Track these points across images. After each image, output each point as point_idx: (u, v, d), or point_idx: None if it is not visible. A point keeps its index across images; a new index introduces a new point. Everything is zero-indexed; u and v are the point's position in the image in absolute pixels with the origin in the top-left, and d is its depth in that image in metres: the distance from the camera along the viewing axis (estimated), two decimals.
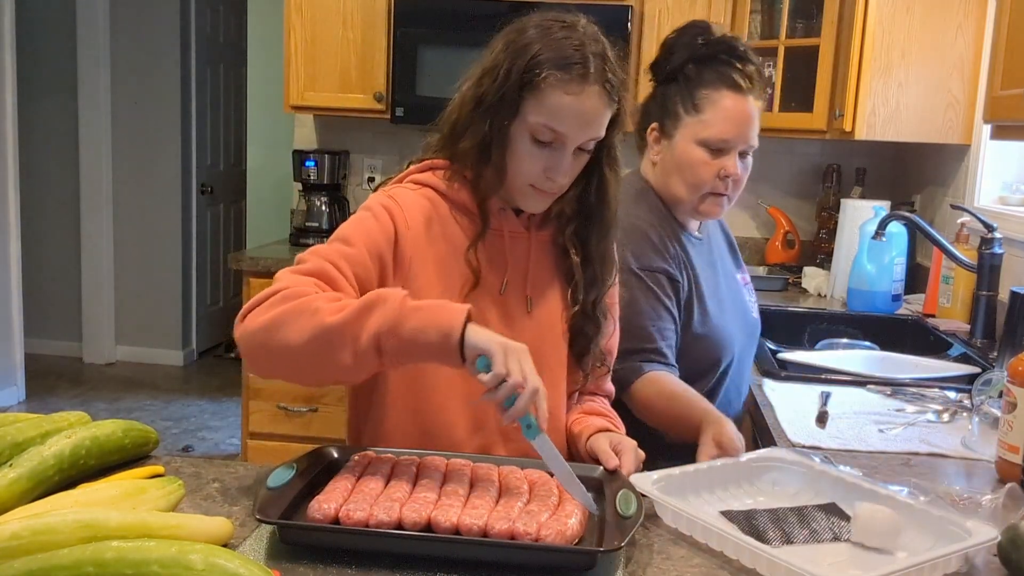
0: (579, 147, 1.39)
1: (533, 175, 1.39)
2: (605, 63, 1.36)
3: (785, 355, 2.26)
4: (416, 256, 1.41)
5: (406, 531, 1.14)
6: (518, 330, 1.45)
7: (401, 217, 1.42)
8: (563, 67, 1.34)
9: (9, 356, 4.95)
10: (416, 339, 1.21)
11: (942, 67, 2.99)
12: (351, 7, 3.64)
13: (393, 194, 1.46)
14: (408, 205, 1.44)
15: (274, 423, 3.60)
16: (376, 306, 1.21)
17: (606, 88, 1.36)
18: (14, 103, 4.79)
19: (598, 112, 1.36)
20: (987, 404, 1.62)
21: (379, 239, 1.39)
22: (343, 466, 1.30)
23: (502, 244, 1.46)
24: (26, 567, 0.96)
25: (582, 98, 1.34)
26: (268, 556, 1.13)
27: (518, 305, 1.47)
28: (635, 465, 1.36)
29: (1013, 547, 1.14)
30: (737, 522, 1.24)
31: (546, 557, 1.13)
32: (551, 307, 1.50)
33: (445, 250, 1.44)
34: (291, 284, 1.28)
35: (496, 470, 1.31)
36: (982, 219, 2.44)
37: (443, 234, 1.44)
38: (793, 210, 3.80)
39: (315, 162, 3.87)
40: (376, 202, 1.44)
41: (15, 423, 1.33)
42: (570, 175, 1.42)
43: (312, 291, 1.27)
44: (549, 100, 1.34)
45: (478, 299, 1.42)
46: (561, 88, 1.34)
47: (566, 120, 1.35)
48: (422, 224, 1.43)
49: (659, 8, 3.50)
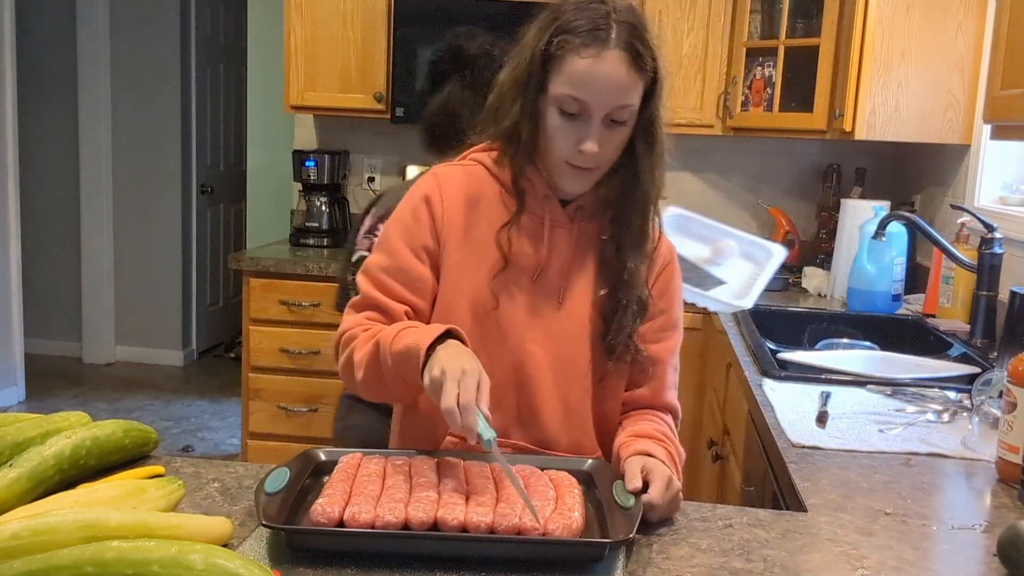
0: (611, 119, 1.35)
1: (566, 150, 1.38)
2: (632, 31, 1.34)
3: (785, 355, 2.26)
4: (452, 235, 1.45)
5: (414, 531, 1.14)
6: (547, 321, 1.45)
7: (437, 199, 1.45)
8: (580, 32, 1.33)
9: (9, 356, 4.95)
10: (400, 371, 1.34)
11: (942, 67, 2.99)
12: (351, 7, 3.64)
13: (438, 172, 1.50)
14: (450, 183, 1.47)
15: (274, 423, 3.61)
16: (378, 358, 1.37)
17: (629, 53, 1.33)
18: (14, 103, 4.78)
19: (619, 76, 1.33)
20: (987, 404, 1.62)
21: (419, 233, 1.45)
22: (332, 468, 1.29)
23: (542, 232, 1.45)
24: (26, 567, 0.96)
25: (600, 62, 1.32)
26: (268, 556, 1.13)
27: (550, 296, 1.46)
28: (664, 496, 1.26)
29: (1013, 547, 1.14)
30: None
31: (554, 551, 1.14)
32: (584, 302, 1.47)
33: (485, 230, 1.45)
34: (347, 327, 1.45)
35: (488, 467, 1.31)
36: (982, 219, 2.44)
37: (486, 214, 1.45)
38: (793, 210, 3.81)
39: (315, 162, 3.87)
40: (418, 190, 1.48)
41: (15, 423, 1.33)
42: (605, 148, 1.37)
43: (359, 333, 1.42)
44: (568, 67, 1.34)
45: (509, 284, 1.44)
46: (578, 53, 1.33)
47: (586, 86, 1.33)
48: (462, 203, 1.46)
49: (659, 8, 3.50)
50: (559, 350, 1.46)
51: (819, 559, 1.20)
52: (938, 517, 1.35)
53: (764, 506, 1.72)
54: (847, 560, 1.19)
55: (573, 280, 1.47)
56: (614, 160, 1.41)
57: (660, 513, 1.26)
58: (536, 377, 1.45)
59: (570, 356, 1.46)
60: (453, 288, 1.45)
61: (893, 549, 1.23)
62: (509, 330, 1.44)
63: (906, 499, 1.40)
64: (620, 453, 1.40)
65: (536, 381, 1.45)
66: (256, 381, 3.60)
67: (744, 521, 1.30)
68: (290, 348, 3.54)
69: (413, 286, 1.45)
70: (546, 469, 1.31)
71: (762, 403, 1.86)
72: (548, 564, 1.12)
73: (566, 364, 1.46)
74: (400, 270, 1.44)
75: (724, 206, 3.93)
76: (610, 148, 1.39)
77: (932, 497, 1.43)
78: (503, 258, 1.43)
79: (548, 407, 1.45)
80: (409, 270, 1.45)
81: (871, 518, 1.32)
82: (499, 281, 1.43)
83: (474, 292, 1.44)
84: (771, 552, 1.20)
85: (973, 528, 1.32)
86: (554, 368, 1.45)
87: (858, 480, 1.47)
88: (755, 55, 3.49)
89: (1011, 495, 1.43)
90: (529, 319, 1.43)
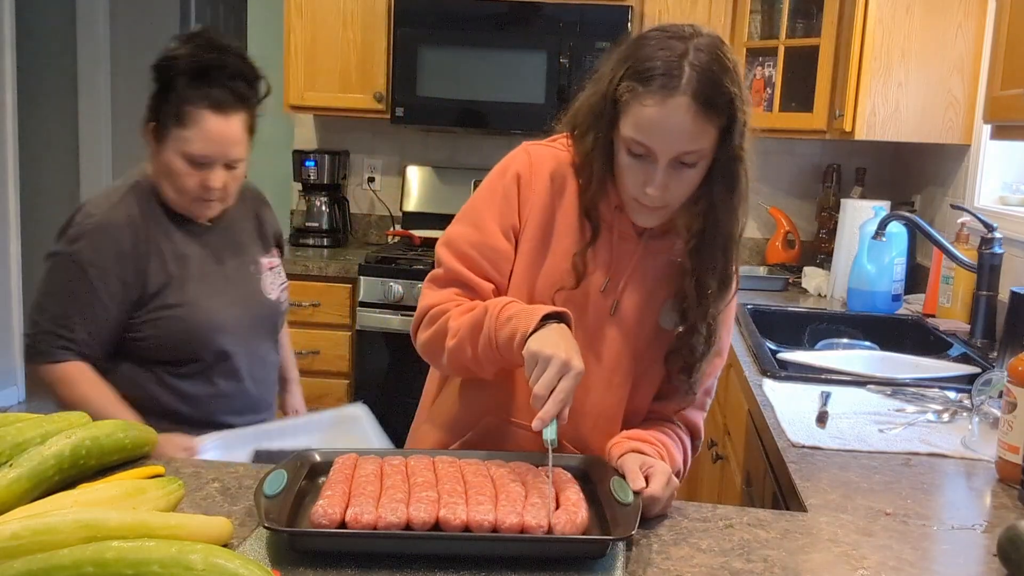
0: (680, 161, 1.33)
1: (634, 189, 1.38)
2: (705, 76, 1.29)
3: (785, 355, 2.26)
4: (533, 218, 1.46)
5: (416, 531, 1.14)
6: (597, 327, 1.46)
7: (528, 179, 1.46)
8: (646, 79, 1.30)
9: (9, 356, 4.94)
10: (505, 348, 1.34)
11: (942, 67, 2.98)
12: (351, 7, 3.64)
13: (531, 150, 1.50)
14: (541, 164, 1.47)
15: None
16: (481, 326, 1.37)
17: (698, 100, 1.29)
18: (14, 103, 4.78)
19: (684, 124, 1.30)
20: (987, 404, 1.62)
21: (508, 212, 1.46)
22: (328, 469, 1.29)
23: (610, 244, 1.46)
24: (26, 567, 0.96)
25: (665, 110, 1.29)
26: (268, 556, 1.13)
27: (605, 304, 1.46)
28: (665, 491, 1.28)
29: (1013, 547, 1.14)
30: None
31: (557, 548, 1.14)
32: (641, 316, 1.47)
33: (562, 220, 1.46)
34: (435, 301, 1.45)
35: (484, 465, 1.32)
36: (982, 219, 2.44)
37: (570, 202, 1.46)
38: (793, 210, 3.80)
39: (315, 162, 3.87)
40: (511, 166, 1.49)
41: (15, 423, 1.33)
42: (674, 190, 1.36)
43: (450, 308, 1.43)
44: (634, 112, 1.32)
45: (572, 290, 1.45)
46: (642, 100, 1.31)
47: (650, 133, 1.31)
48: (549, 187, 1.46)
49: (659, 8, 3.50)
50: (604, 357, 1.47)
51: (819, 559, 1.20)
52: (938, 517, 1.35)
53: (764, 506, 1.73)
54: (847, 560, 1.19)
55: (630, 293, 1.47)
56: (685, 198, 1.39)
57: (662, 507, 1.28)
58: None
59: (613, 364, 1.47)
60: (525, 270, 1.46)
61: (893, 549, 1.23)
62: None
63: (906, 499, 1.40)
64: (611, 452, 1.41)
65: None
66: None
67: (744, 521, 1.30)
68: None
69: (500, 266, 1.46)
70: (540, 466, 1.31)
71: (762, 403, 1.86)
72: (550, 562, 1.12)
73: (608, 371, 1.47)
74: (491, 248, 1.46)
75: None
76: (680, 189, 1.37)
77: (932, 497, 1.43)
78: (575, 279, 1.43)
79: (584, 409, 1.46)
80: (498, 248, 1.46)
81: (871, 518, 1.32)
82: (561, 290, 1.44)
83: (545, 280, 1.45)
84: (771, 552, 1.20)
85: (973, 528, 1.32)
86: (596, 373, 1.46)
87: (858, 480, 1.47)
88: (755, 55, 3.49)
89: (1011, 495, 1.43)
90: (579, 321, 1.42)
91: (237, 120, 1.77)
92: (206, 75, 1.75)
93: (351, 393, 3.54)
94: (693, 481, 2.77)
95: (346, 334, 3.52)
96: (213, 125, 1.75)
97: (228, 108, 1.75)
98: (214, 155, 1.76)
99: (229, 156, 1.78)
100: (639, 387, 1.50)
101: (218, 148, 1.76)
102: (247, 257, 1.96)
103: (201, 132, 1.74)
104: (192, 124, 1.74)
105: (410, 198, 3.98)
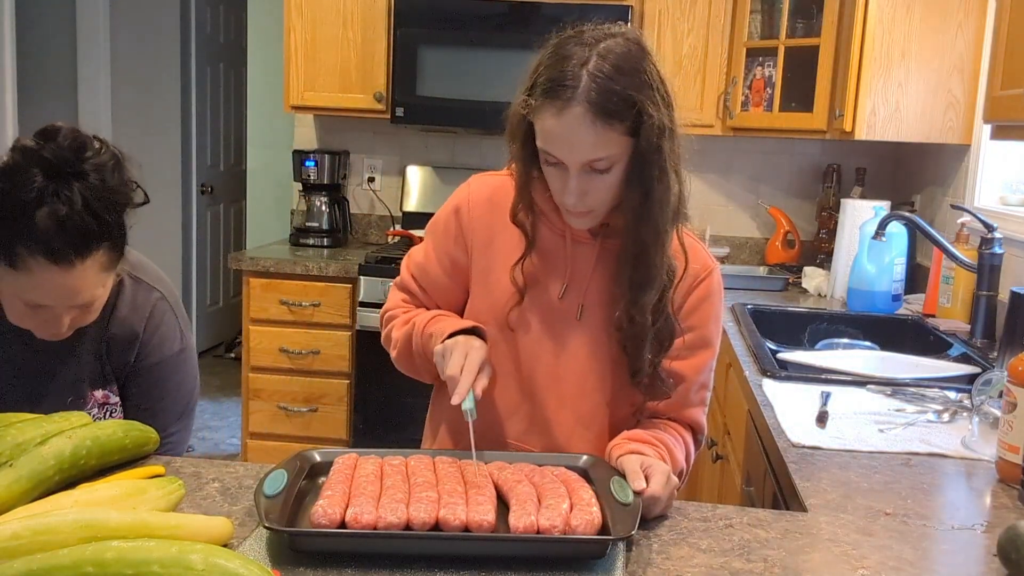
0: (592, 168, 1.33)
1: (556, 196, 1.40)
2: (603, 83, 1.28)
3: (785, 355, 2.26)
4: (477, 244, 1.51)
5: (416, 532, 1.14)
6: (564, 334, 1.47)
7: (465, 210, 1.52)
8: (546, 91, 1.31)
9: None
10: (425, 350, 1.47)
11: (942, 67, 2.99)
12: (351, 7, 3.64)
13: (472, 181, 1.56)
14: (480, 192, 1.53)
15: (274, 423, 3.61)
16: (411, 342, 1.51)
17: (595, 109, 1.28)
18: (14, 103, 4.78)
19: (582, 133, 1.30)
20: (987, 404, 1.62)
21: (445, 242, 1.54)
22: (327, 469, 1.30)
23: (564, 248, 1.47)
24: (26, 567, 0.96)
25: (563, 121, 1.30)
26: (268, 556, 1.13)
27: (569, 310, 1.48)
28: (665, 491, 1.28)
29: (1013, 547, 1.14)
30: None
31: (557, 548, 1.14)
32: (605, 317, 1.47)
33: (508, 239, 1.48)
34: (390, 306, 1.60)
35: (485, 466, 1.32)
36: (982, 219, 2.44)
37: (506, 219, 1.48)
38: (793, 210, 3.80)
39: (315, 162, 3.87)
40: (453, 199, 1.55)
41: (15, 423, 1.33)
42: (593, 195, 1.36)
43: (399, 314, 1.57)
44: (539, 124, 1.34)
45: (530, 300, 1.47)
46: (544, 112, 1.32)
47: (554, 144, 1.33)
48: (489, 212, 1.51)
49: (659, 8, 3.50)
50: (573, 363, 1.48)
51: (819, 559, 1.20)
52: (938, 517, 1.35)
53: (764, 506, 1.73)
54: (847, 560, 1.19)
55: (593, 296, 1.47)
56: (610, 200, 1.39)
57: (662, 507, 1.28)
58: (548, 388, 1.48)
59: (584, 369, 1.48)
60: (480, 293, 1.51)
61: (893, 549, 1.23)
62: (524, 340, 1.48)
63: (906, 499, 1.40)
64: (612, 453, 1.41)
65: (547, 392, 1.49)
66: (256, 381, 3.60)
67: (744, 521, 1.30)
68: (290, 348, 3.54)
69: (433, 288, 1.56)
70: (543, 466, 1.32)
71: (762, 403, 1.86)
72: (550, 562, 1.12)
73: (580, 377, 1.48)
74: (424, 272, 1.56)
75: (724, 206, 3.93)
76: (599, 194, 1.37)
77: (932, 497, 1.43)
78: (518, 292, 1.46)
79: (559, 417, 1.49)
80: (431, 274, 1.55)
81: (871, 518, 1.32)
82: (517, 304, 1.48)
83: (494, 300, 1.48)
84: (771, 552, 1.20)
85: (973, 528, 1.32)
86: (567, 380, 1.48)
87: (858, 480, 1.47)
88: (755, 55, 3.49)
89: (1011, 495, 1.43)
90: (545, 331, 1.45)
91: (84, 268, 1.38)
92: (39, 212, 1.32)
93: (351, 393, 3.55)
94: (693, 481, 2.77)
95: (346, 334, 3.52)
96: (50, 276, 1.35)
97: (69, 259, 1.35)
98: (56, 303, 1.41)
99: (76, 303, 1.42)
100: (621, 390, 1.48)
101: (60, 299, 1.40)
102: (72, 379, 1.58)
103: (34, 281, 1.36)
104: (24, 270, 1.35)
105: (410, 198, 3.98)
